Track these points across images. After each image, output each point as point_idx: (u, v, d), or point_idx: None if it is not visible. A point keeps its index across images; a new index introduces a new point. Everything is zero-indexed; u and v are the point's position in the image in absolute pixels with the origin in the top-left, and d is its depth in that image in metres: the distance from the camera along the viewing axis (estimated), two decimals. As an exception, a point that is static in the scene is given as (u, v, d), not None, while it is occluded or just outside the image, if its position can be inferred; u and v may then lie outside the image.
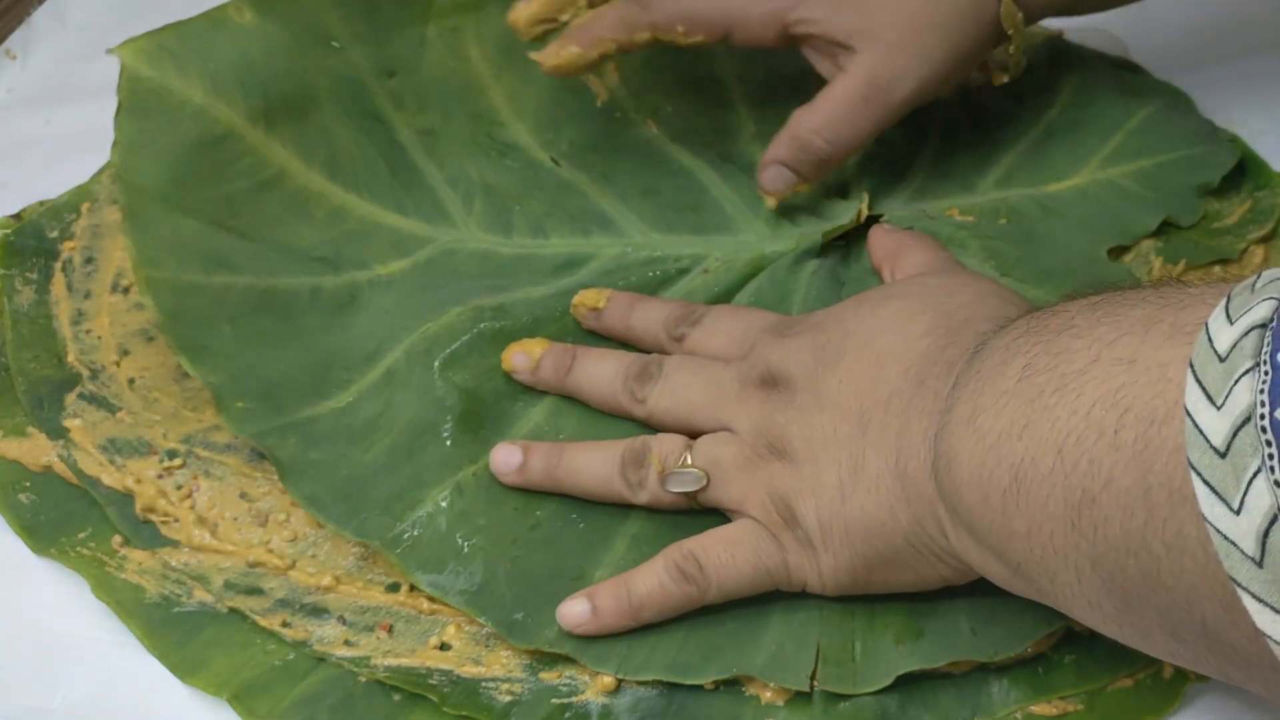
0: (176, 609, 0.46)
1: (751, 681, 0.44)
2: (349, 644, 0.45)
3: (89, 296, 0.57)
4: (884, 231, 0.56)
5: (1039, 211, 0.60)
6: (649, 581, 0.44)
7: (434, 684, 0.44)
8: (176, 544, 0.48)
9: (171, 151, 0.54)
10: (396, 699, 0.44)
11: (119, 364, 0.54)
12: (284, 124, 0.56)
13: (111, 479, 0.49)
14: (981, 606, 0.44)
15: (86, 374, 0.53)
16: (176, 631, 0.45)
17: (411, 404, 0.51)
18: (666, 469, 0.46)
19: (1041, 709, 0.43)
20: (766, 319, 0.50)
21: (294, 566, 0.47)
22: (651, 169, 0.61)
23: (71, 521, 0.49)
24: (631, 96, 0.63)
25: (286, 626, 0.45)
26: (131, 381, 0.53)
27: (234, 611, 0.46)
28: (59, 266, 0.58)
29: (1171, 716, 0.44)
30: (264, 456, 0.50)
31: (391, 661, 0.44)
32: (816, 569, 0.44)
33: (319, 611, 0.46)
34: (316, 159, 0.57)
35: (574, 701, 0.43)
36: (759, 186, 0.57)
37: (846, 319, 0.47)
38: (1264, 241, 0.60)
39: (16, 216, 0.60)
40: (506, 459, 0.48)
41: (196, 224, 0.53)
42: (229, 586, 0.46)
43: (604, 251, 0.57)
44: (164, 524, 0.48)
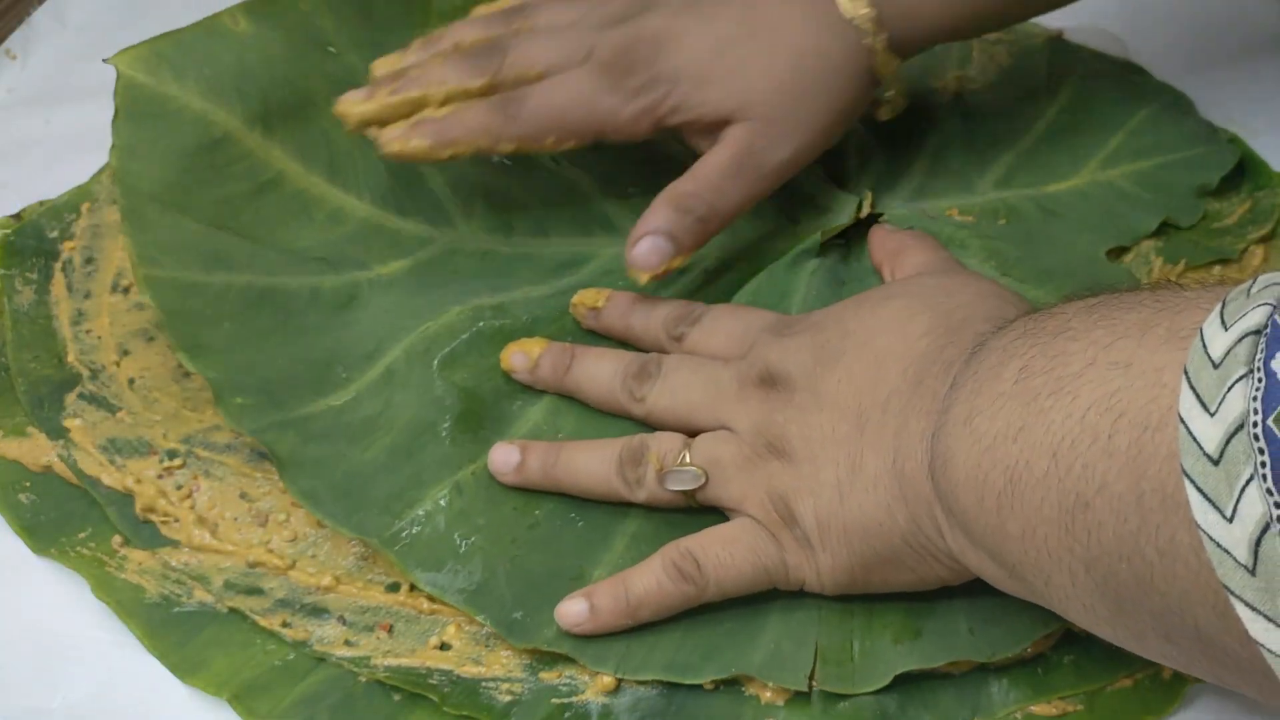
0: (176, 609, 0.46)
1: (751, 681, 0.44)
2: (349, 644, 0.45)
3: (89, 296, 0.57)
4: (884, 231, 0.56)
5: (1039, 212, 0.60)
6: (647, 580, 0.44)
7: (434, 684, 0.44)
8: (176, 544, 0.48)
9: (169, 156, 0.54)
10: (396, 699, 0.44)
11: (119, 364, 0.54)
12: (282, 128, 0.56)
13: (111, 479, 0.49)
14: (980, 607, 0.44)
15: (86, 374, 0.53)
16: (176, 631, 0.45)
17: (411, 403, 0.51)
18: (665, 467, 0.46)
19: (1041, 709, 0.43)
20: (766, 318, 0.50)
21: (294, 566, 0.47)
22: (653, 169, 0.61)
23: (71, 521, 0.49)
24: None
25: (286, 626, 0.45)
26: (131, 381, 0.53)
27: (234, 611, 0.46)
28: (59, 266, 0.58)
29: (1171, 717, 0.44)
30: (264, 456, 0.50)
31: (391, 661, 0.44)
32: (815, 568, 0.44)
33: (319, 611, 0.46)
34: (317, 162, 0.57)
35: (574, 701, 0.43)
36: (629, 264, 0.52)
37: (846, 319, 0.47)
38: (1264, 241, 0.59)
39: (16, 216, 0.60)
40: (505, 458, 0.48)
41: (195, 224, 0.53)
42: (229, 586, 0.47)
43: (604, 251, 0.57)
44: (164, 524, 0.48)
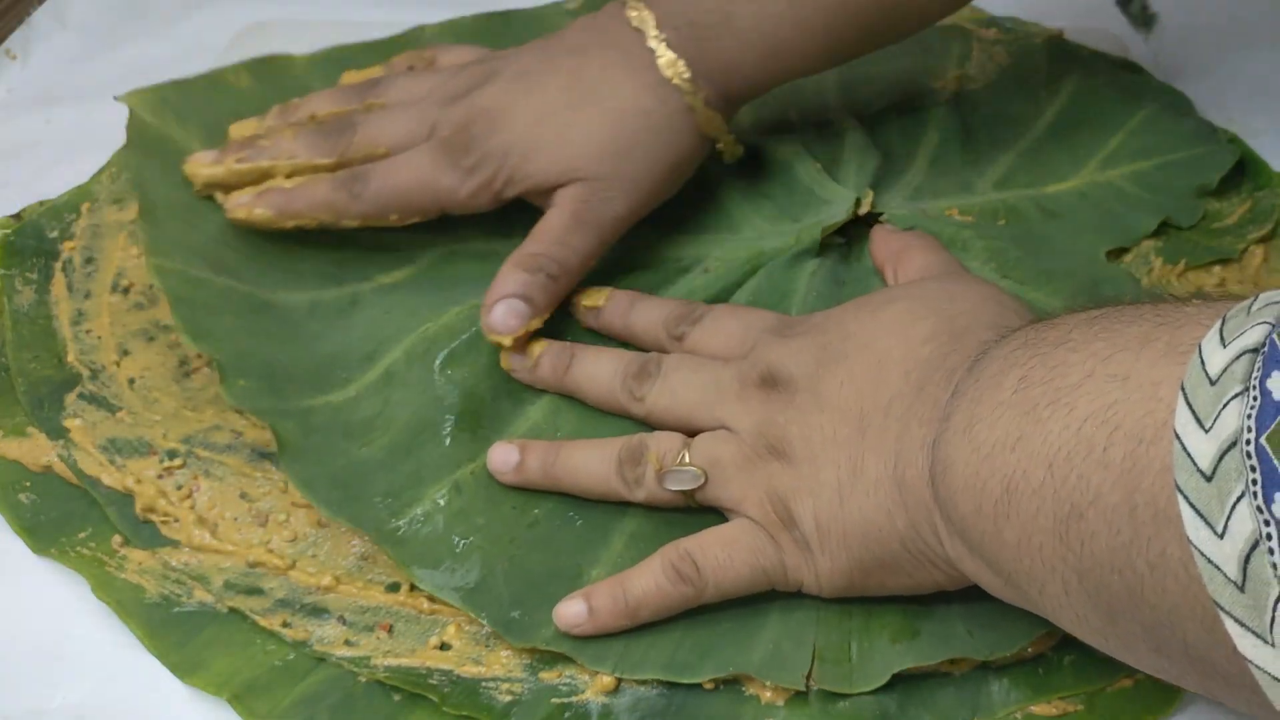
0: (176, 609, 0.46)
1: (751, 681, 0.44)
2: (349, 644, 0.45)
3: (89, 296, 0.57)
4: (886, 232, 0.56)
5: (1038, 213, 0.59)
6: (646, 582, 0.44)
7: (434, 684, 0.44)
8: (176, 544, 0.48)
9: (174, 187, 0.56)
10: (396, 699, 0.44)
11: (119, 364, 0.54)
12: None
13: (111, 479, 0.49)
14: (978, 610, 0.44)
15: (86, 374, 0.53)
16: (176, 631, 0.45)
17: (410, 403, 0.51)
18: (664, 467, 0.46)
19: (1041, 709, 0.43)
20: (767, 319, 0.50)
21: (294, 566, 0.47)
22: None
23: (71, 521, 0.49)
24: None
25: (286, 626, 0.45)
26: (131, 381, 0.53)
27: (234, 611, 0.46)
28: (59, 266, 0.58)
29: (1171, 717, 0.44)
30: (264, 456, 0.50)
31: (391, 661, 0.44)
32: (813, 571, 0.44)
33: (319, 611, 0.46)
34: None
35: (574, 701, 0.43)
36: (487, 329, 0.51)
37: (848, 321, 0.47)
38: (1264, 241, 0.59)
39: (16, 216, 0.60)
40: (504, 458, 0.48)
41: (202, 236, 0.55)
42: (229, 586, 0.46)
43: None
44: (164, 524, 0.48)
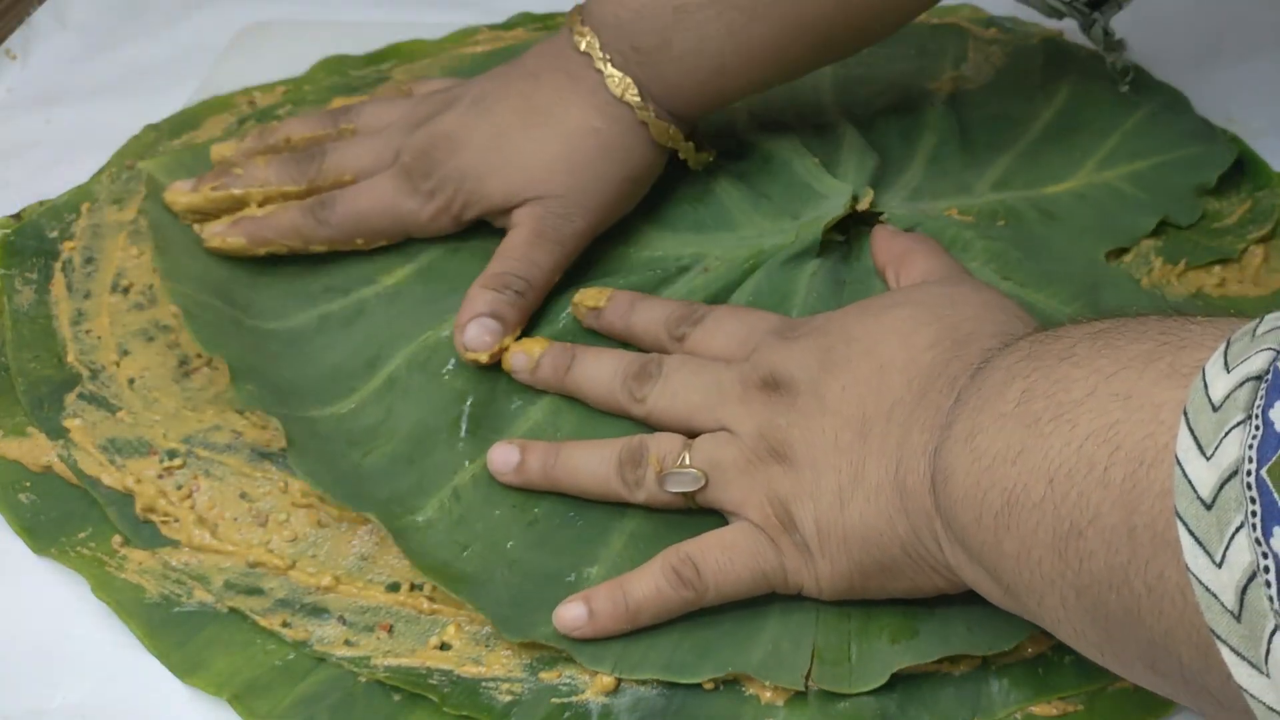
0: (176, 609, 0.46)
1: (751, 681, 0.44)
2: (349, 644, 0.45)
3: (89, 296, 0.57)
4: (887, 233, 0.55)
5: (1037, 214, 0.59)
6: (646, 586, 0.44)
7: (434, 684, 0.44)
8: (176, 544, 0.48)
9: (186, 231, 0.58)
10: (396, 699, 0.44)
11: (119, 364, 0.54)
12: None
13: (111, 479, 0.49)
14: (978, 609, 0.43)
15: (86, 374, 0.53)
16: (176, 631, 0.45)
17: (412, 412, 0.51)
18: (665, 469, 0.46)
19: (1041, 709, 0.43)
20: (769, 320, 0.50)
21: (294, 566, 0.47)
22: None
23: (71, 521, 0.49)
24: None
25: (286, 626, 0.45)
26: (131, 381, 0.53)
27: (234, 611, 0.46)
28: (59, 266, 0.58)
29: (1171, 717, 0.44)
30: (265, 456, 0.50)
31: (391, 661, 0.44)
32: (814, 574, 0.44)
33: (319, 611, 0.46)
34: None
35: (574, 701, 0.43)
36: (462, 349, 0.52)
37: (851, 325, 0.46)
38: (1264, 241, 0.60)
39: (16, 216, 0.60)
40: (505, 458, 0.48)
41: (214, 275, 0.56)
42: (229, 586, 0.46)
43: (606, 250, 0.57)
44: (164, 524, 0.48)
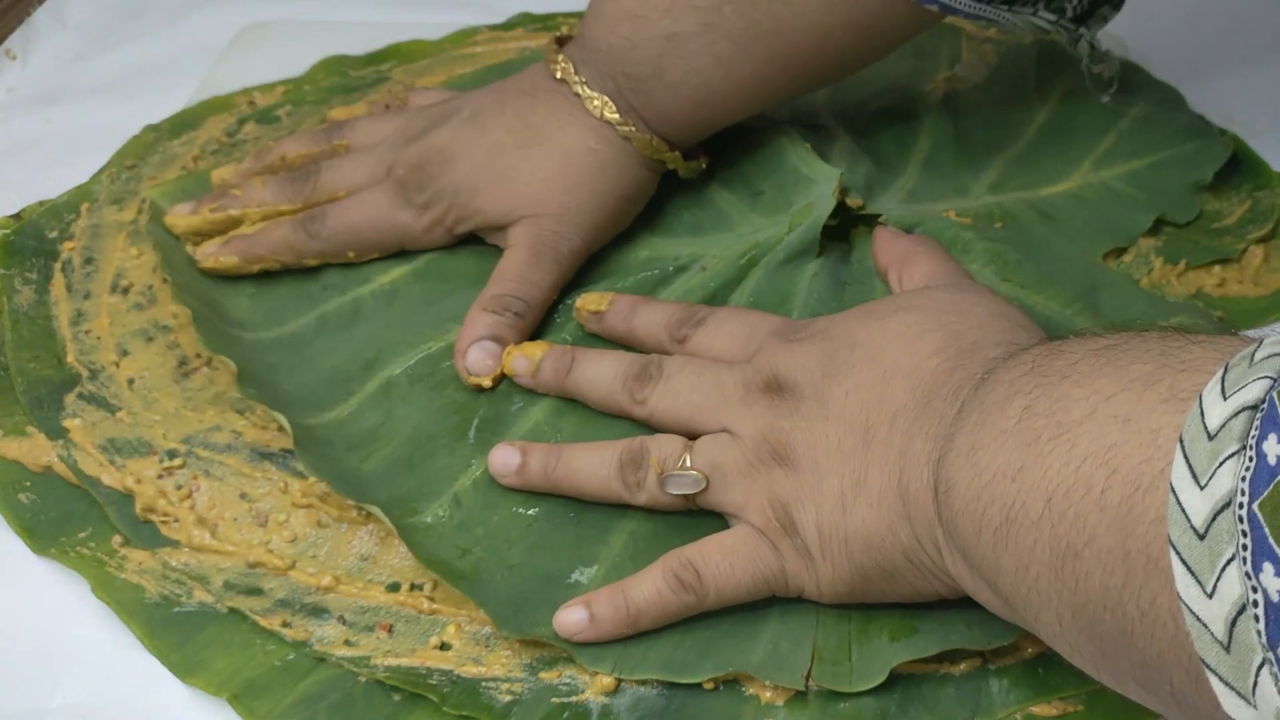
0: (176, 609, 0.46)
1: (751, 681, 0.44)
2: (349, 644, 0.45)
3: (88, 297, 0.57)
4: (889, 235, 0.55)
5: (1034, 215, 0.59)
6: (647, 590, 0.44)
7: (434, 684, 0.44)
8: (176, 544, 0.48)
9: (191, 261, 0.58)
10: (396, 699, 0.44)
11: (118, 364, 0.54)
12: None
13: (111, 479, 0.49)
14: (978, 611, 0.43)
15: (86, 374, 0.53)
16: (176, 631, 0.45)
17: (411, 416, 0.51)
18: (665, 470, 0.46)
19: (1041, 710, 0.43)
20: (771, 322, 0.50)
21: (294, 567, 0.47)
22: None
23: (71, 521, 0.49)
24: None
25: (286, 626, 0.45)
26: (131, 382, 0.53)
27: (234, 611, 0.46)
28: (58, 267, 0.58)
29: (1171, 717, 0.44)
30: (265, 456, 0.50)
31: (391, 661, 0.44)
32: (814, 578, 0.44)
33: (319, 611, 0.46)
34: None
35: (574, 701, 0.43)
36: (464, 373, 0.52)
37: (855, 329, 0.46)
38: (1264, 241, 0.60)
39: (16, 216, 0.60)
40: (505, 460, 0.48)
41: (217, 292, 0.57)
42: (229, 587, 0.46)
43: (603, 252, 0.57)
44: (164, 524, 0.48)
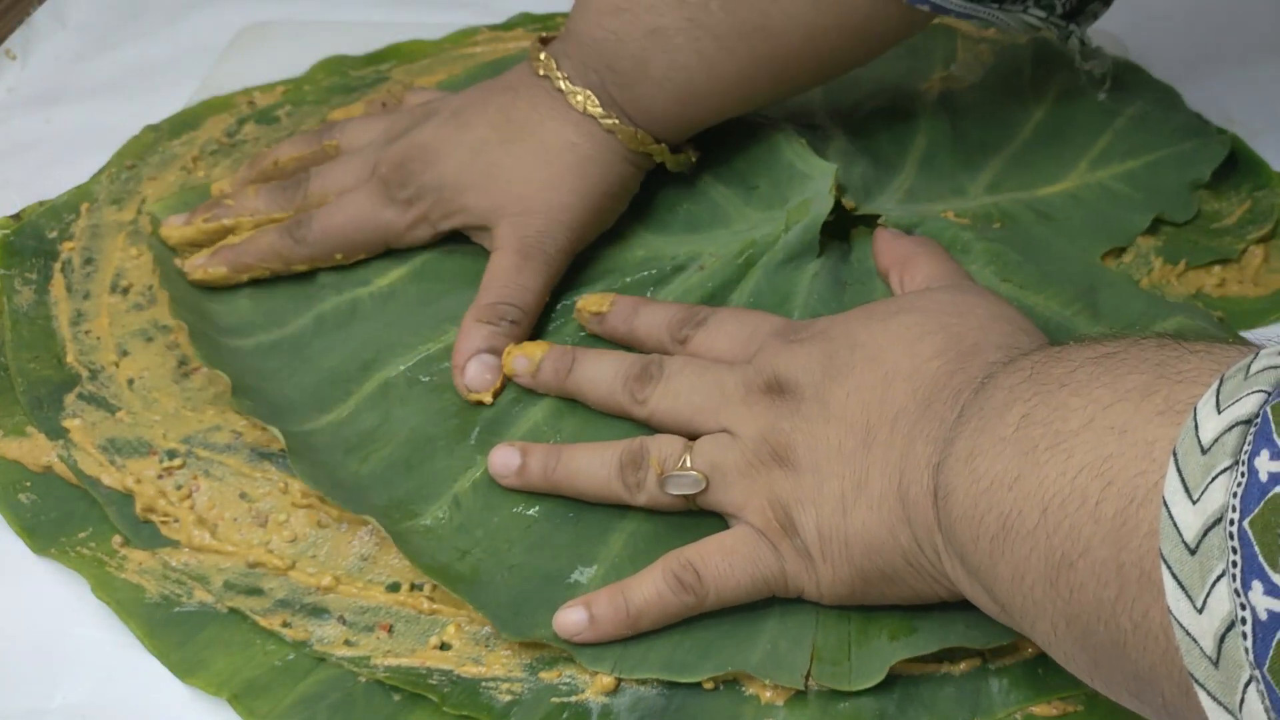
0: (176, 609, 0.46)
1: (751, 681, 0.44)
2: (349, 644, 0.45)
3: (88, 297, 0.57)
4: (890, 236, 0.55)
5: (1032, 215, 0.59)
6: (647, 591, 0.44)
7: (434, 684, 0.44)
8: (176, 544, 0.48)
9: (181, 273, 0.58)
10: (396, 699, 0.44)
11: (118, 364, 0.54)
12: None
13: (111, 479, 0.49)
14: (978, 611, 0.43)
15: (86, 374, 0.53)
16: (176, 631, 0.45)
17: (410, 418, 0.51)
18: (665, 471, 0.46)
19: (1041, 710, 0.43)
20: (773, 322, 0.50)
21: (294, 567, 0.47)
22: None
23: (71, 521, 0.49)
24: None
25: (286, 626, 0.45)
26: (131, 382, 0.53)
27: (234, 611, 0.46)
28: (58, 267, 0.58)
29: (1170, 717, 0.44)
30: (265, 456, 0.50)
31: (391, 661, 0.44)
32: (814, 579, 0.44)
33: (319, 611, 0.46)
34: None
35: (574, 701, 0.43)
36: (464, 389, 0.51)
37: (856, 330, 0.46)
38: (1264, 241, 0.60)
39: (16, 216, 0.60)
40: (505, 460, 0.48)
41: (215, 301, 0.57)
42: (229, 587, 0.46)
43: (601, 252, 0.57)
44: (164, 524, 0.48)
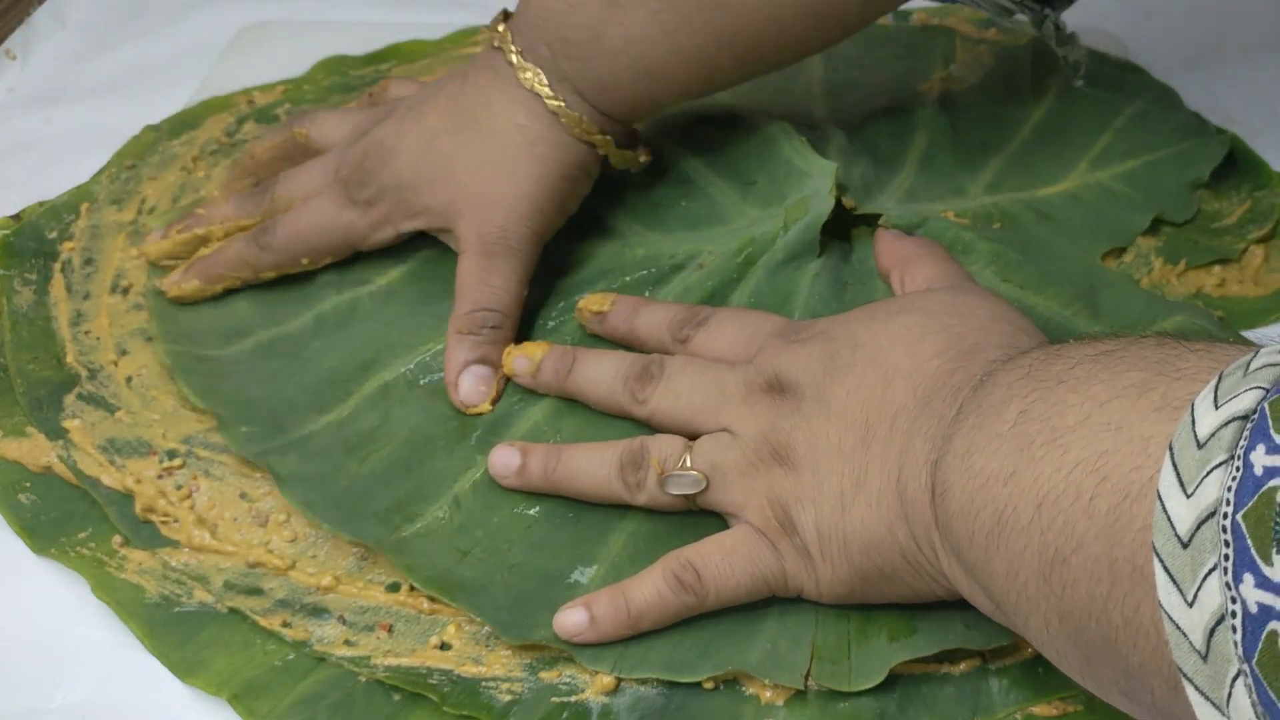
0: (176, 609, 0.46)
1: (751, 681, 0.44)
2: (349, 644, 0.45)
3: (88, 297, 0.57)
4: (891, 237, 0.55)
5: (1032, 215, 0.59)
6: (647, 591, 0.44)
7: (434, 684, 0.44)
8: (176, 544, 0.48)
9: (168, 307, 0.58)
10: (396, 699, 0.44)
11: (117, 364, 0.54)
12: None
13: (111, 479, 0.49)
14: (977, 611, 0.44)
15: (85, 374, 0.53)
16: (176, 631, 0.45)
17: (410, 418, 0.51)
18: (666, 471, 0.46)
19: (1041, 710, 0.43)
20: (773, 322, 0.50)
21: (294, 567, 0.47)
22: (648, 169, 0.61)
23: (71, 521, 0.49)
24: None
25: (286, 626, 0.45)
26: (129, 379, 0.53)
27: (234, 611, 0.46)
28: (58, 267, 0.58)
29: (1170, 717, 0.44)
30: (264, 456, 0.50)
31: (391, 661, 0.44)
32: (814, 579, 0.44)
33: (319, 611, 0.46)
34: None
35: (574, 701, 0.43)
36: (461, 405, 0.51)
37: (856, 330, 0.46)
38: (1264, 241, 0.60)
39: (16, 217, 0.60)
40: (505, 461, 0.48)
41: (210, 313, 0.57)
42: (229, 587, 0.46)
43: (600, 251, 0.57)
44: (164, 524, 0.48)
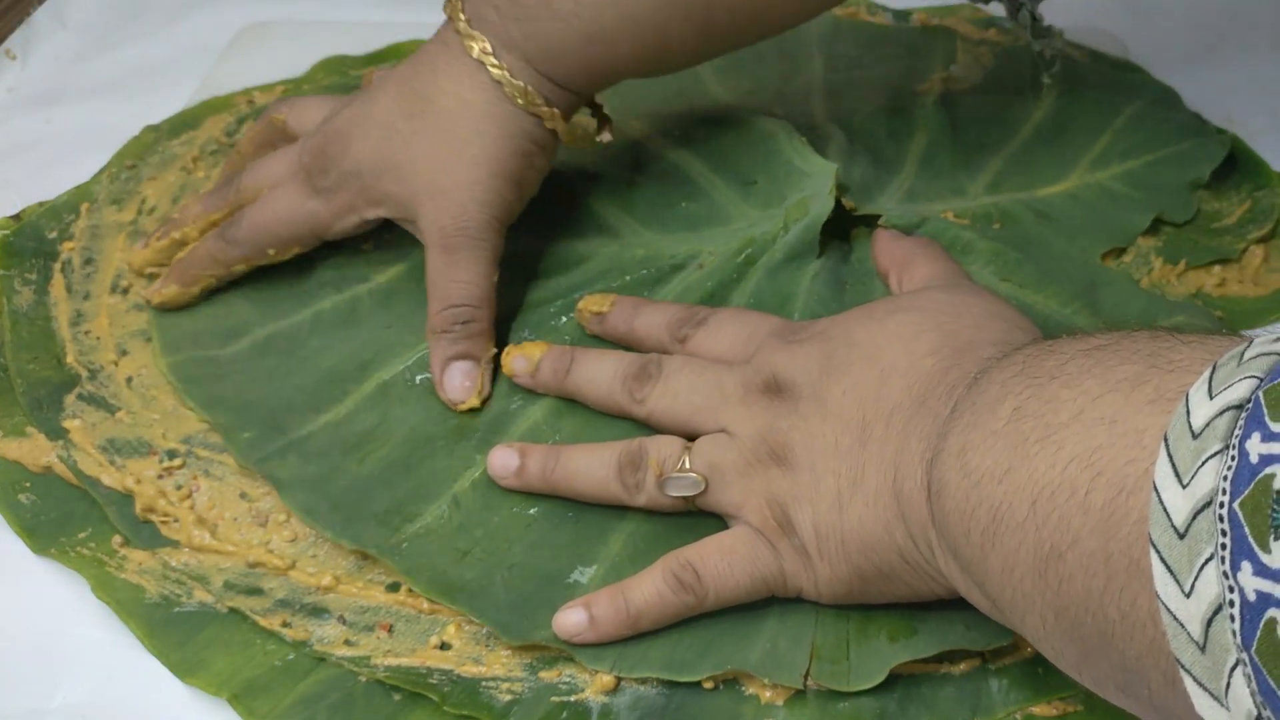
0: (176, 609, 0.46)
1: (751, 680, 0.44)
2: (349, 644, 0.45)
3: (88, 297, 0.57)
4: (889, 237, 0.55)
5: (1032, 215, 0.59)
6: (647, 591, 0.44)
7: (434, 683, 0.44)
8: (176, 544, 0.48)
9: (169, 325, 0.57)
10: (396, 699, 0.44)
11: (117, 363, 0.54)
12: None
13: (111, 479, 0.49)
14: (977, 611, 0.44)
15: (85, 374, 0.53)
16: (176, 631, 0.45)
17: (409, 417, 0.51)
18: (664, 472, 0.46)
19: (1041, 710, 0.43)
20: (772, 323, 0.50)
21: (294, 567, 0.47)
22: (641, 167, 0.61)
23: (71, 521, 0.49)
24: (615, 97, 0.63)
25: (286, 626, 0.45)
26: (130, 380, 0.53)
27: (234, 611, 0.46)
28: (58, 267, 0.58)
29: (1171, 716, 0.44)
30: (264, 456, 0.50)
31: (391, 661, 0.44)
32: (813, 578, 0.44)
33: (319, 611, 0.46)
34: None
35: (574, 700, 0.43)
36: (450, 404, 0.51)
37: (853, 329, 0.46)
38: (1264, 241, 0.60)
39: (16, 217, 0.60)
40: (504, 461, 0.48)
41: (209, 314, 0.56)
42: (229, 587, 0.46)
43: (600, 251, 0.57)
44: (164, 524, 0.48)
